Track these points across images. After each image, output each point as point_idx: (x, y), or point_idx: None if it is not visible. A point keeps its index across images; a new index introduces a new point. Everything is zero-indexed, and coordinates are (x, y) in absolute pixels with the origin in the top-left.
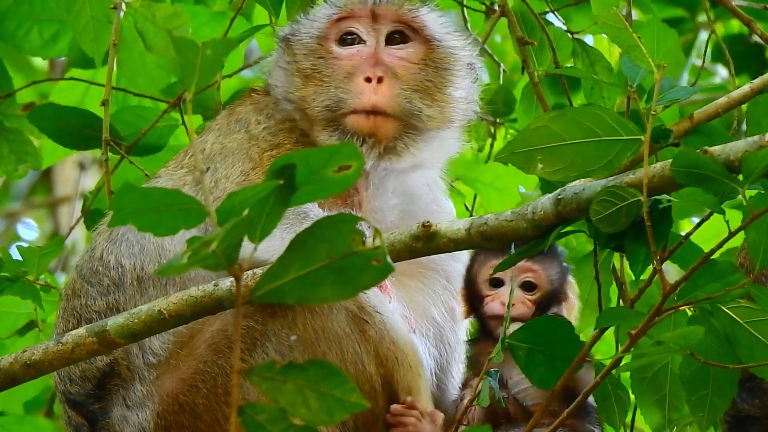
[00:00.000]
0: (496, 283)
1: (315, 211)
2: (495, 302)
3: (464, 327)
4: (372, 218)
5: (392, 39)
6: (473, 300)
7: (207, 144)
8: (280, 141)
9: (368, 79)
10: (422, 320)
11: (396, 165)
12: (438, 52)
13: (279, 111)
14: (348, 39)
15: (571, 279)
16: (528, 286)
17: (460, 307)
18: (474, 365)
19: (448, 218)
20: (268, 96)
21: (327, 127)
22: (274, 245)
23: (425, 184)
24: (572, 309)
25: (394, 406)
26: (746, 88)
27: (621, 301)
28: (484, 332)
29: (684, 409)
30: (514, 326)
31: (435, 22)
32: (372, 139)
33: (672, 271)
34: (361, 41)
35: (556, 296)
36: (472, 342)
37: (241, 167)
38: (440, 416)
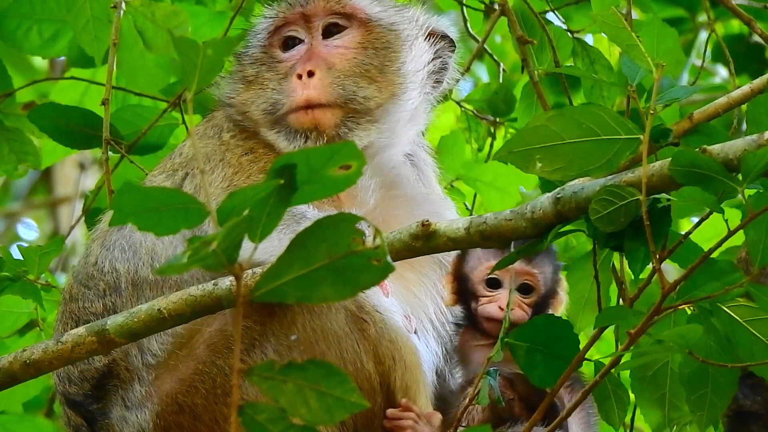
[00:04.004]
0: (493, 284)
1: (311, 213)
2: (492, 305)
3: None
4: (352, 202)
5: (329, 32)
6: (465, 294)
7: (184, 148)
8: (252, 146)
9: (299, 76)
10: (421, 316)
11: None
12: (376, 32)
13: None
14: (290, 43)
15: (561, 276)
16: (525, 289)
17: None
18: (460, 354)
19: (438, 198)
20: None
21: (272, 128)
22: (271, 246)
23: (403, 162)
24: (560, 305)
25: (390, 410)
26: (746, 88)
27: (621, 300)
28: (471, 320)
29: (684, 408)
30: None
31: (367, 3)
32: (314, 132)
33: (672, 270)
34: (301, 42)
35: (549, 296)
36: (459, 328)
37: (222, 172)
38: (438, 417)
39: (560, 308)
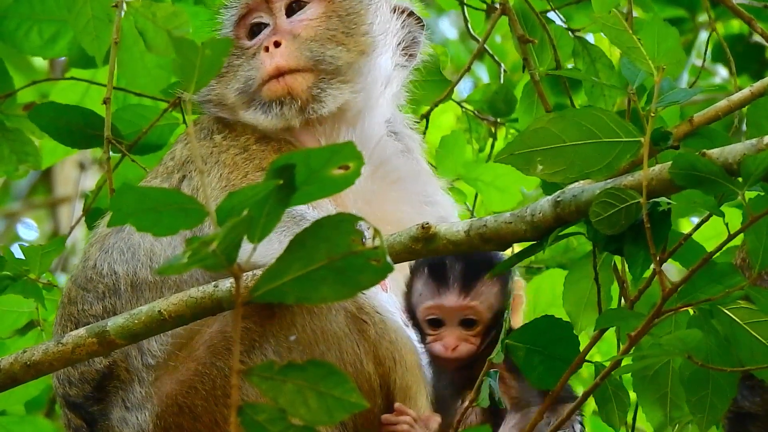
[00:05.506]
0: (435, 323)
1: (311, 215)
2: (437, 344)
3: None
4: None
5: (292, 10)
6: (416, 326)
7: (176, 152)
8: (245, 144)
9: (266, 49)
10: None
11: (322, 110)
12: (337, 2)
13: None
14: (256, 30)
15: (515, 280)
16: (468, 323)
17: None
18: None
19: (428, 176)
20: None
21: (249, 107)
22: (272, 249)
23: (387, 135)
24: (519, 306)
25: (385, 416)
26: (746, 91)
27: (623, 300)
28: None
29: (685, 408)
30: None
31: None
32: (288, 98)
33: (673, 270)
34: (266, 26)
35: (501, 314)
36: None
37: (218, 173)
38: (436, 420)
39: (520, 309)
